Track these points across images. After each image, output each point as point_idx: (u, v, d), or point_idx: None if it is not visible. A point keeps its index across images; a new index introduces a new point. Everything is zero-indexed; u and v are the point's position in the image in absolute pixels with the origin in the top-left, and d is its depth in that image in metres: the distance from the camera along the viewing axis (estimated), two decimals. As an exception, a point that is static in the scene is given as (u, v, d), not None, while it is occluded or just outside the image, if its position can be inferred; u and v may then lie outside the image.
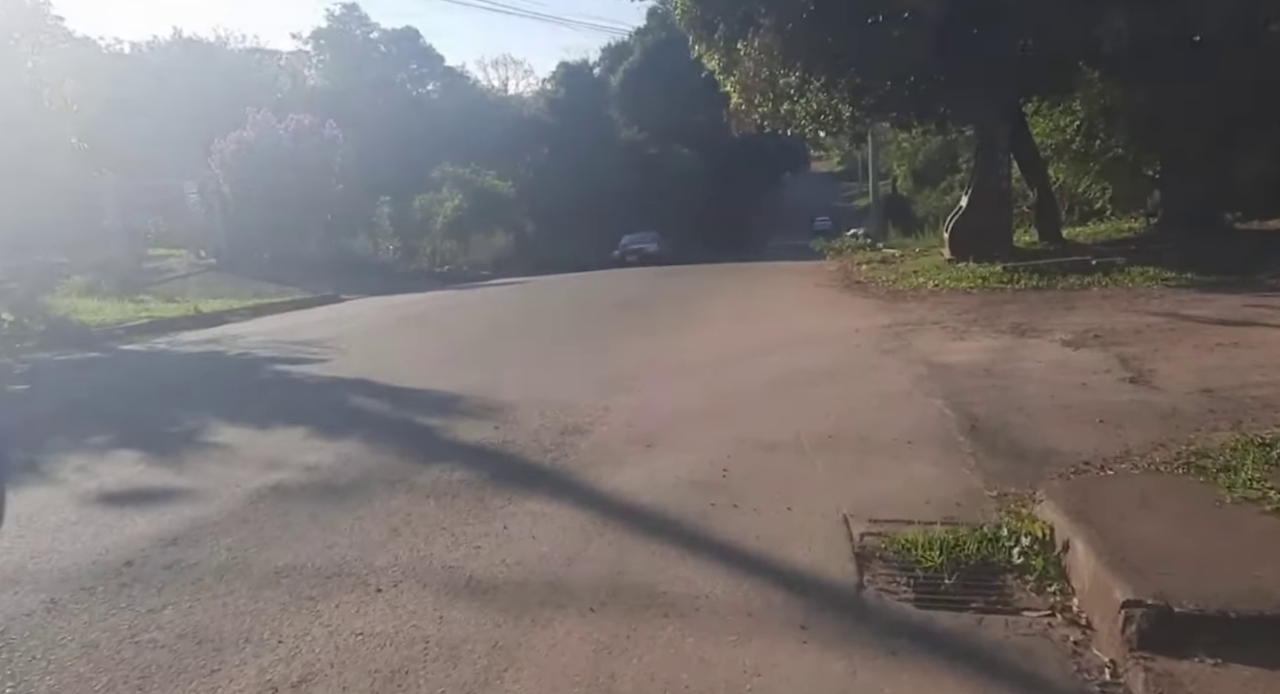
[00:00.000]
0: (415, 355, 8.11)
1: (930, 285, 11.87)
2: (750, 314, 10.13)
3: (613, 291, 14.95)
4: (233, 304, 14.47)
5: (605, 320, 10.40)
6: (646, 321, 9.86)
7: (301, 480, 3.96)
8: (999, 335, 7.59)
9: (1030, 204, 14.41)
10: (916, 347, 7.25)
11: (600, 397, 5.57)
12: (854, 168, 78.33)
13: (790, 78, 13.57)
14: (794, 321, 9.20)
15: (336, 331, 10.00)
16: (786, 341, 7.83)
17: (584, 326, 9.75)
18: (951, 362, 6.44)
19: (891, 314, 9.45)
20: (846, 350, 7.21)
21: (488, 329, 10.11)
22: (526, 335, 9.23)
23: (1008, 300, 10.00)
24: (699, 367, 6.60)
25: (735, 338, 8.16)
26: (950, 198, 41.40)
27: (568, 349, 7.98)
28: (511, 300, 14.17)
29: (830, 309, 10.33)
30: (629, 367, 6.66)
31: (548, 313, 11.70)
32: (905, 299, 10.97)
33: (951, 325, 8.35)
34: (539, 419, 4.94)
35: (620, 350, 7.64)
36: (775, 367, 6.53)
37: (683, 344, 7.89)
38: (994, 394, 5.27)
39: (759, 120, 15.67)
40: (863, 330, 8.32)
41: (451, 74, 48.99)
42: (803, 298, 11.77)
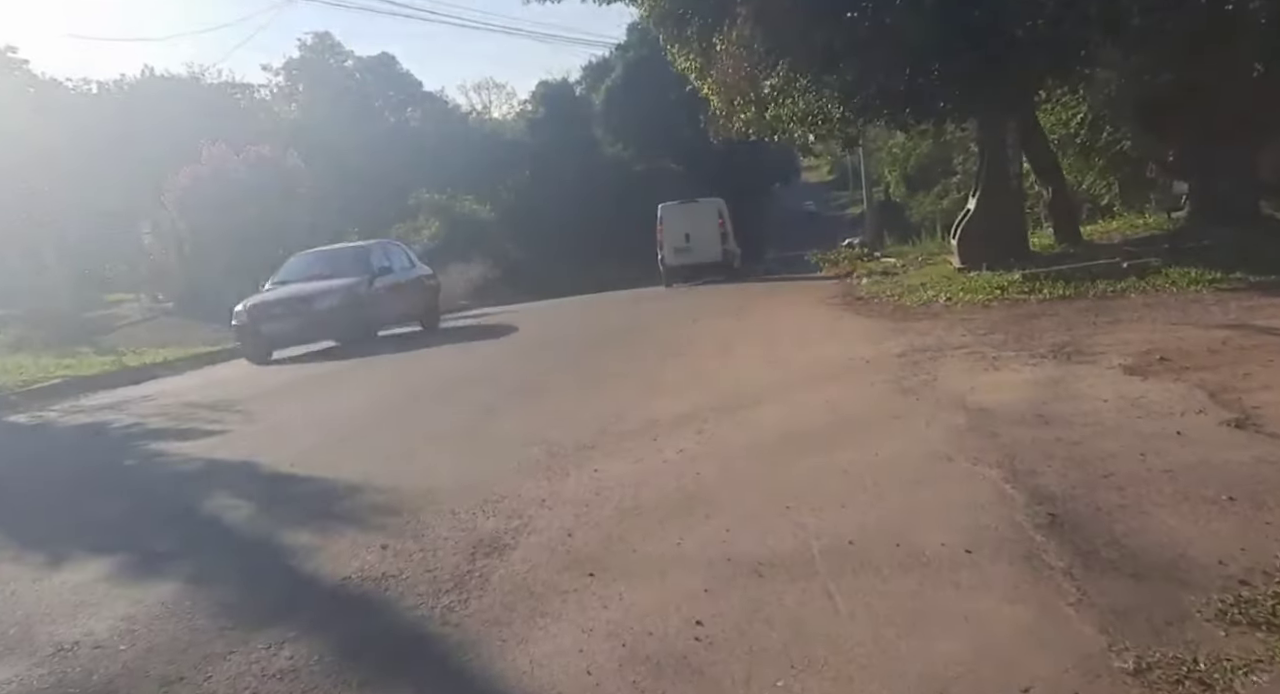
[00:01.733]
0: (330, 421, 6.69)
1: (942, 299, 10.57)
2: (741, 344, 8.81)
3: (590, 322, 13.65)
4: (174, 355, 13.18)
5: (572, 362, 9.07)
6: (619, 361, 8.53)
7: (27, 688, 2.58)
8: (1040, 361, 6.27)
9: (1045, 203, 13.14)
10: (943, 381, 5.93)
11: (541, 481, 4.23)
12: (844, 176, 77.40)
13: (774, 78, 12.35)
14: (792, 352, 7.88)
15: (259, 388, 8.70)
16: (783, 382, 6.50)
17: (545, 372, 8.40)
18: (992, 403, 5.11)
19: (904, 337, 8.13)
20: (858, 391, 5.88)
21: (429, 381, 8.67)
22: (473, 388, 7.81)
23: (1036, 314, 8.70)
24: (674, 425, 5.26)
25: (721, 379, 6.82)
26: (946, 203, 40.49)
27: (517, 406, 6.60)
28: (473, 340, 12.86)
29: (833, 333, 9.01)
30: (587, 429, 5.33)
31: (508, 355, 10.34)
32: (917, 317, 9.66)
33: (978, 350, 7.04)
34: (448, 527, 3.60)
35: (580, 404, 6.29)
36: (770, 421, 5.20)
37: (658, 391, 6.56)
38: (1062, 455, 3.94)
39: (742, 126, 14.44)
40: (874, 361, 7.00)
41: (431, 99, 47.94)
42: (801, 320, 10.46)
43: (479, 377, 8.55)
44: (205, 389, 9.23)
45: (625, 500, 3.79)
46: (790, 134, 13.76)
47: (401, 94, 46.51)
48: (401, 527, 3.64)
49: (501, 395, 7.07)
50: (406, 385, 8.36)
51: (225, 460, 5.36)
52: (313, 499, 4.26)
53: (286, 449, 5.49)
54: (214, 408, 7.54)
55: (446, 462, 4.83)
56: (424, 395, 7.52)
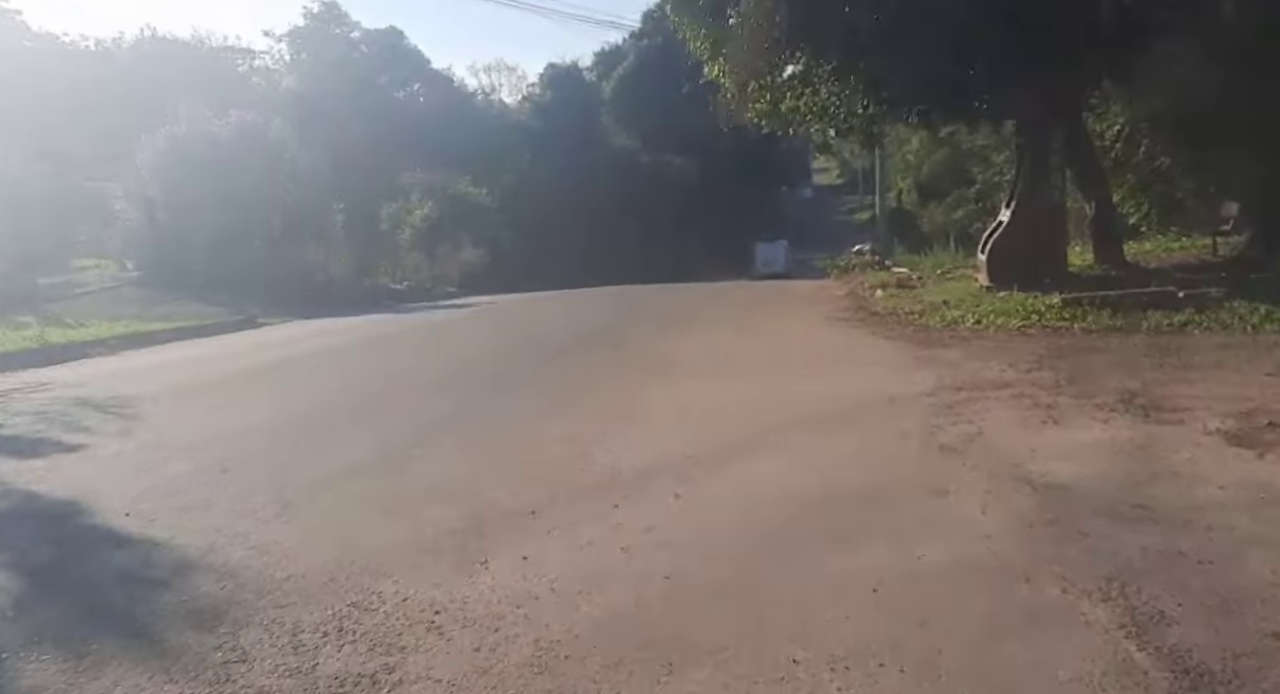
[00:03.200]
0: (219, 441, 5.20)
1: (970, 322, 9.32)
2: (740, 364, 7.56)
3: (573, 323, 12.38)
4: (117, 331, 11.91)
5: (538, 374, 7.79)
6: (594, 377, 7.26)
7: None
8: (1110, 416, 5.03)
9: (1088, 219, 11.85)
10: (992, 437, 4.69)
11: (443, 573, 3.00)
12: (854, 180, 75.89)
13: (794, 65, 11.07)
14: (799, 380, 6.62)
15: (176, 383, 7.45)
16: (787, 422, 5.24)
17: (504, 386, 7.13)
18: (1066, 478, 3.88)
19: (933, 368, 6.89)
20: (883, 444, 4.64)
21: (362, 388, 7.29)
22: (410, 401, 6.50)
23: (1084, 348, 7.45)
24: (644, 481, 4.03)
25: (711, 412, 5.57)
26: (960, 214, 39.20)
27: (453, 435, 5.28)
28: (444, 335, 11.58)
29: (847, 358, 7.75)
30: (530, 480, 4.09)
31: (474, 358, 9.02)
32: (943, 341, 8.42)
33: (1026, 392, 5.80)
34: (269, 666, 2.36)
35: (533, 439, 5.01)
36: (769, 483, 3.96)
37: (632, 423, 5.30)
38: (1198, 585, 2.72)
39: (755, 117, 13.15)
40: (899, 399, 5.76)
41: (436, 77, 46.44)
42: (809, 337, 9.21)
43: (422, 386, 7.26)
44: (116, 379, 7.98)
45: (553, 630, 2.54)
46: (807, 127, 12.48)
47: (407, 70, 45.03)
48: (201, 662, 2.39)
49: (439, 417, 5.80)
50: (335, 392, 7.08)
51: (45, 497, 4.10)
52: (113, 586, 3.01)
53: (137, 484, 4.24)
54: (102, 408, 6.29)
55: (328, 527, 3.59)
56: (347, 408, 6.26)
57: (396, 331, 11.70)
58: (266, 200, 20.29)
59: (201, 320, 13.66)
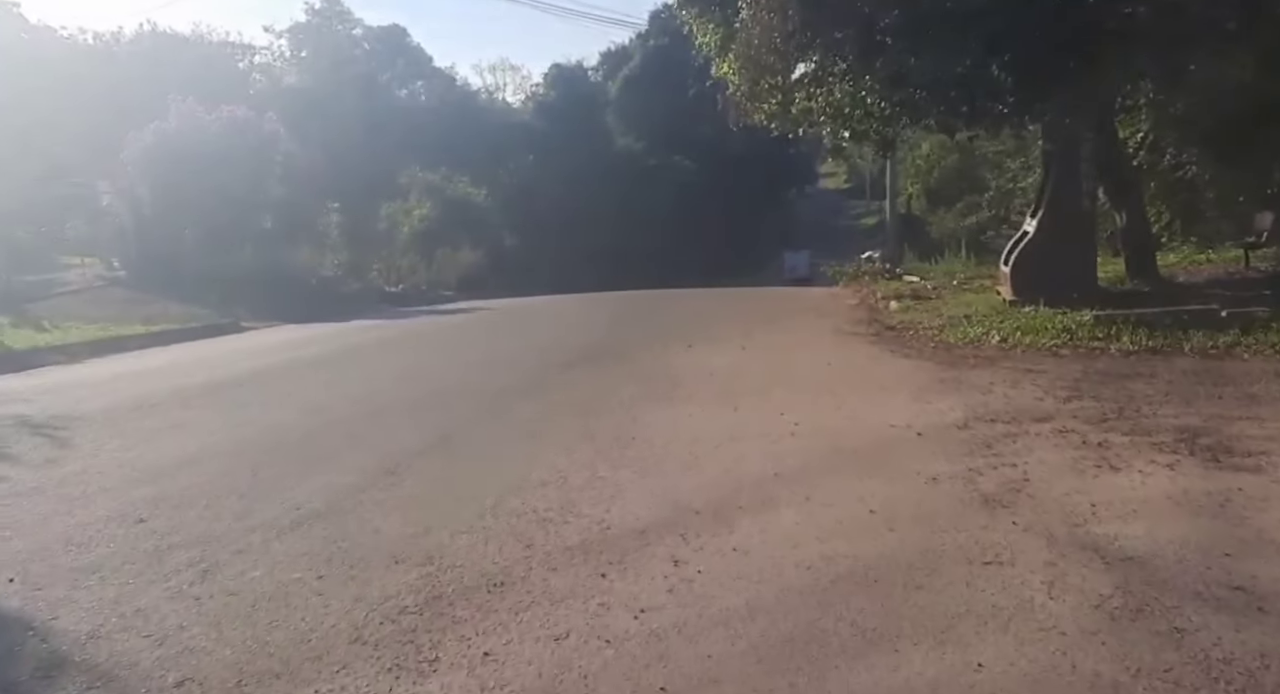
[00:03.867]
0: (152, 478, 4.43)
1: (995, 339, 8.67)
2: (747, 386, 6.91)
3: (569, 333, 11.75)
4: (89, 334, 11.32)
5: (522, 395, 7.14)
6: (582, 400, 6.59)
7: None
8: (1174, 460, 4.38)
9: (1119, 229, 11.17)
10: (1040, 485, 4.05)
11: (378, 692, 2.36)
12: (861, 186, 75.05)
13: (806, 63, 10.43)
14: (811, 407, 5.97)
15: (124, 398, 6.85)
16: (801, 464, 4.60)
17: (488, 410, 6.43)
18: (1141, 547, 3.24)
19: (961, 394, 6.24)
20: (913, 497, 3.99)
21: (334, 414, 6.38)
22: (383, 429, 5.70)
23: (1127, 373, 6.80)
24: (635, 545, 3.39)
25: (717, 448, 4.93)
26: (971, 221, 38.49)
27: (423, 479, 4.52)
28: (430, 347, 10.93)
29: (864, 380, 7.10)
30: (495, 539, 3.46)
31: (457, 375, 8.32)
32: (967, 361, 7.77)
33: (1070, 426, 5.15)
34: None
35: (511, 485, 4.33)
36: (781, 552, 3.30)
37: (626, 463, 4.66)
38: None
39: (765, 119, 12.51)
40: (927, 433, 5.12)
41: (439, 75, 45.90)
42: (822, 353, 8.56)
43: (396, 409, 6.59)
44: (68, 391, 7.34)
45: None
46: (819, 129, 11.82)
47: (409, 68, 44.50)
48: None
49: (407, 450, 5.13)
50: (299, 414, 6.36)
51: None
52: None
53: (40, 535, 3.61)
54: (38, 429, 5.66)
55: (248, 604, 2.93)
56: (307, 436, 5.60)
57: (383, 341, 11.07)
58: (258, 199, 19.70)
59: (182, 324, 13.06)
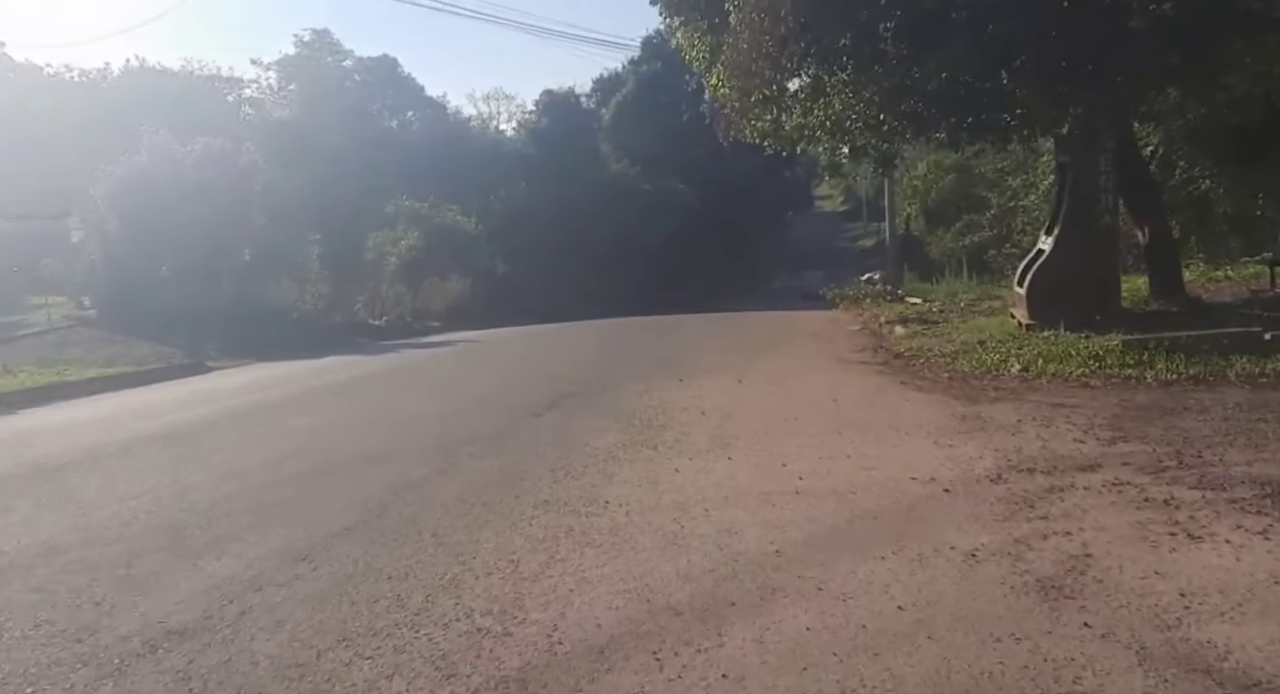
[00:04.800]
0: (7, 571, 3.82)
1: (1016, 368, 7.87)
2: (743, 429, 6.09)
3: (556, 366, 10.95)
4: (37, 380, 10.52)
5: (491, 449, 6.31)
6: (561, 450, 5.78)
7: None
8: (1267, 524, 3.57)
9: (1142, 245, 10.39)
10: (1108, 564, 3.22)
11: None
12: (857, 207, 74.61)
13: (804, 77, 9.76)
14: (818, 458, 5.15)
15: (40, 456, 6.06)
16: (807, 536, 3.77)
17: (443, 467, 5.53)
18: (1261, 663, 2.41)
19: (987, 435, 5.43)
20: (953, 584, 3.16)
21: (266, 476, 5.37)
22: (314, 498, 4.77)
23: (1174, 407, 5.98)
24: (595, 672, 2.56)
25: (704, 515, 4.10)
26: (971, 240, 37.81)
27: (338, 573, 3.63)
28: (400, 387, 10.12)
29: (875, 418, 6.28)
30: (415, 679, 2.63)
31: (419, 422, 7.43)
32: (988, 394, 6.96)
33: (1127, 478, 4.33)
34: None
35: (444, 580, 3.50)
36: (788, 682, 2.47)
37: (592, 542, 3.84)
38: None
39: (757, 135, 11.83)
40: (955, 489, 4.30)
41: (431, 105, 45.51)
42: (825, 387, 7.74)
43: (338, 467, 5.73)
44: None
45: None
46: (816, 145, 11.12)
47: (400, 98, 44.14)
48: None
49: (332, 532, 4.29)
50: (225, 476, 5.43)
51: None
52: None
53: None
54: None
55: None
56: (222, 507, 4.73)
57: (348, 382, 10.26)
58: (237, 232, 19.00)
59: (142, 366, 12.27)
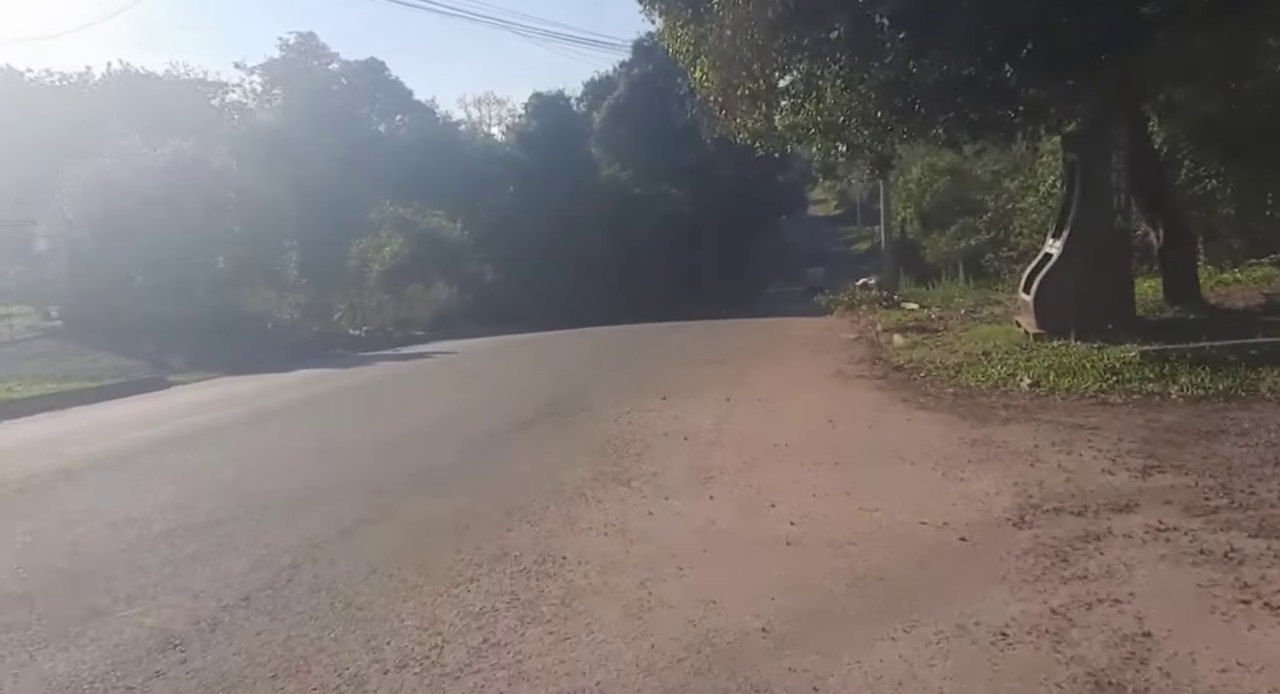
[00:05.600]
0: None
1: (1026, 383, 7.25)
2: (729, 458, 5.46)
3: (535, 381, 10.32)
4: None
5: (447, 486, 5.68)
6: (525, 486, 5.15)
7: None
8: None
9: (1156, 249, 9.79)
10: (1176, 652, 2.58)
11: None
12: (851, 211, 74.15)
13: (796, 70, 9.16)
14: (807, 491, 4.52)
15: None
16: (794, 610, 3.13)
17: (387, 508, 4.91)
18: None
19: (1002, 464, 4.80)
20: (978, 676, 2.52)
21: (183, 518, 4.52)
22: (231, 548, 4.07)
23: (1209, 429, 5.35)
24: None
25: (663, 579, 3.46)
26: (967, 244, 37.27)
27: (232, 648, 3.15)
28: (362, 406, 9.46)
29: (875, 443, 5.65)
30: None
31: (373, 450, 6.80)
32: (997, 412, 6.34)
33: (1172, 520, 3.71)
34: None
35: (360, 668, 2.91)
36: None
37: (543, 613, 3.19)
38: None
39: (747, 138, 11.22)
40: (973, 538, 3.67)
41: (419, 109, 44.92)
42: (820, 406, 7.12)
43: (267, 509, 5.01)
44: None
45: None
46: (809, 145, 10.52)
47: (388, 102, 43.54)
48: None
49: (207, 601, 3.65)
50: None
51: None
52: None
53: None
54: None
55: None
56: (124, 559, 4.10)
57: (310, 399, 9.57)
58: (210, 239, 18.31)
59: (97, 382, 11.58)
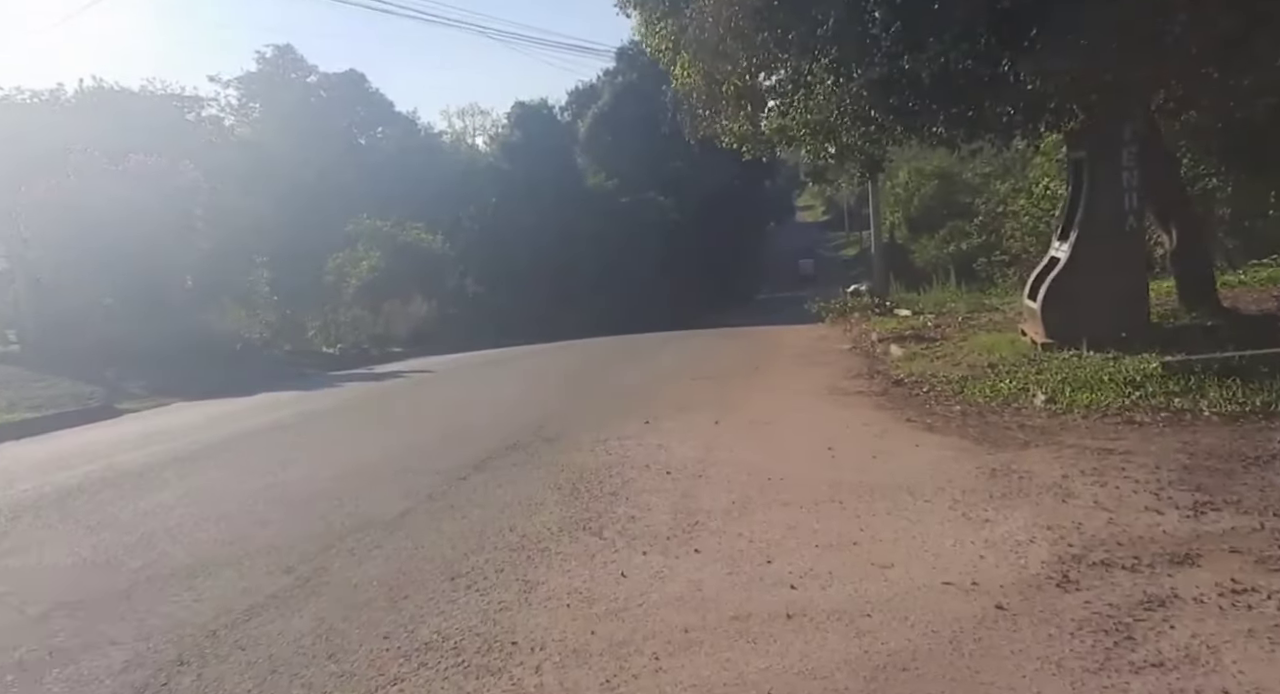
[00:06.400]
0: None
1: (1040, 398, 6.64)
2: (710, 498, 4.80)
3: (509, 403, 9.66)
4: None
5: (388, 539, 5.04)
6: (466, 544, 4.47)
7: None
8: None
9: (1169, 251, 9.22)
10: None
11: None
12: (838, 217, 73.82)
13: (781, 67, 8.58)
14: (808, 541, 3.88)
15: None
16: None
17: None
18: None
19: (1028, 501, 4.18)
20: None
21: (78, 584, 4.24)
22: (123, 634, 3.72)
23: (1256, 454, 4.73)
24: None
25: (635, 674, 2.80)
26: (956, 248, 36.78)
27: None
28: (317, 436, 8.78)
29: (879, 474, 5.00)
30: None
31: (319, 491, 6.13)
32: (1013, 434, 5.72)
33: (1248, 578, 3.08)
34: None
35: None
36: None
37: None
38: None
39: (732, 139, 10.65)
40: (1010, 603, 3.03)
41: (400, 120, 44.26)
42: (816, 429, 6.48)
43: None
44: None
45: None
46: (799, 147, 9.94)
47: (369, 114, 42.87)
48: None
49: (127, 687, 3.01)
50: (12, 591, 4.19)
51: None
52: None
53: None
54: None
55: None
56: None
57: (256, 430, 8.79)
58: (177, 257, 17.60)
59: (41, 413, 10.83)
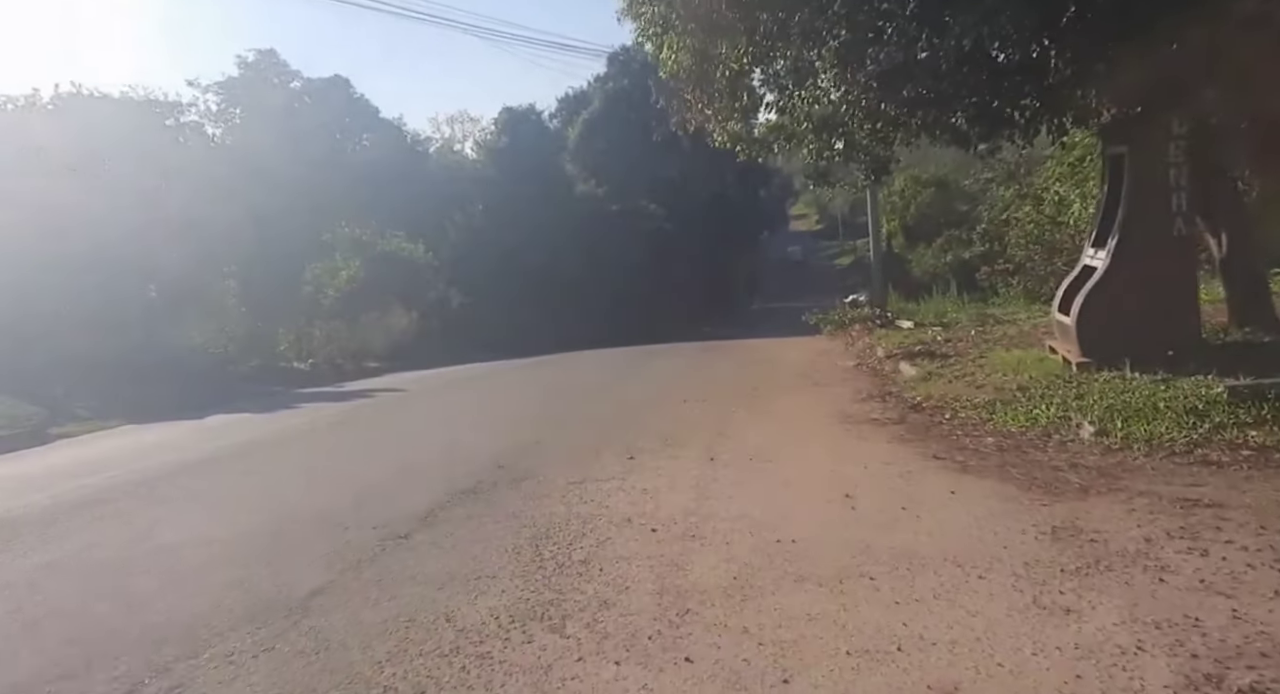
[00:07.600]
0: None
1: (1087, 430, 5.74)
2: (702, 570, 3.88)
3: (477, 429, 8.71)
4: None
5: (299, 621, 4.11)
6: (394, 641, 3.55)
7: None
8: None
9: (1218, 260, 8.35)
10: None
11: None
12: (832, 226, 73.17)
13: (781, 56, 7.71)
14: (828, 644, 2.97)
15: None
16: None
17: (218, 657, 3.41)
18: None
19: (1117, 577, 3.27)
20: None
21: None
22: None
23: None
24: None
25: None
26: (956, 257, 35.99)
27: None
28: (249, 475, 7.76)
29: (913, 535, 4.08)
30: None
31: (241, 552, 5.17)
32: (1067, 478, 4.81)
33: None
34: None
35: None
36: None
37: None
38: None
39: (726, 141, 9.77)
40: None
41: (386, 126, 43.23)
42: (827, 466, 5.56)
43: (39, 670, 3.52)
44: None
45: None
46: (801, 145, 9.07)
47: (354, 120, 41.88)
48: None
49: None
50: None
51: None
52: None
53: None
54: None
55: None
56: None
57: (182, 467, 7.73)
58: (138, 268, 16.63)
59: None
